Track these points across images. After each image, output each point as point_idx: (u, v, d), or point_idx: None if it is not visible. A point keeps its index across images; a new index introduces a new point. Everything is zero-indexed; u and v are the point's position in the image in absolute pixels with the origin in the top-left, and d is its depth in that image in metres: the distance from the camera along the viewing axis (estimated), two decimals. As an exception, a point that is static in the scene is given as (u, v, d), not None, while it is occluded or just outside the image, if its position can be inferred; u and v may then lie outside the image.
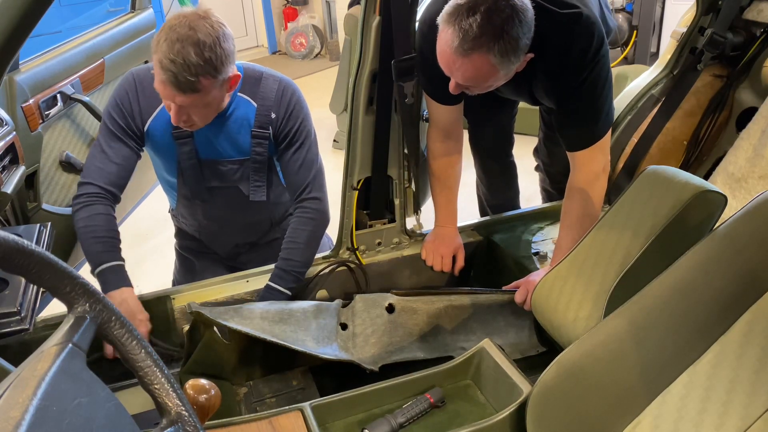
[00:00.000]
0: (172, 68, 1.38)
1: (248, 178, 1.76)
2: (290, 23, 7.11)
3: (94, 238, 1.58)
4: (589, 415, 1.06)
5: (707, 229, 1.29)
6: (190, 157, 1.69)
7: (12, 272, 0.59)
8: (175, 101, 1.45)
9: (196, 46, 1.37)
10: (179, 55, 1.37)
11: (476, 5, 1.35)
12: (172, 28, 1.38)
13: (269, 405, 1.60)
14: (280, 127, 1.67)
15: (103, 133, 1.64)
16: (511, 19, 1.36)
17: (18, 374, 0.58)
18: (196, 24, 1.39)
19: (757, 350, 0.91)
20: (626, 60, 5.29)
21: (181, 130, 1.63)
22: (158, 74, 1.42)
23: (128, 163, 1.66)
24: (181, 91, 1.42)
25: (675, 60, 2.23)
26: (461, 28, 1.36)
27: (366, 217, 1.94)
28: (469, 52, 1.38)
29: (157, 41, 1.40)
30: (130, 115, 1.62)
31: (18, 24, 1.06)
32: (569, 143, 1.68)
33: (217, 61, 1.41)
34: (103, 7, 3.21)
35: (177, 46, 1.37)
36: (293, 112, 1.67)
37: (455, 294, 1.79)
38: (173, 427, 0.68)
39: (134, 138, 1.65)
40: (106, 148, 1.63)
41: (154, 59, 1.41)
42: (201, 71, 1.40)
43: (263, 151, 1.71)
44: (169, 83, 1.40)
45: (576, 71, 1.53)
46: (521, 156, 2.48)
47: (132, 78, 1.63)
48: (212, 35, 1.40)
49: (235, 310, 1.58)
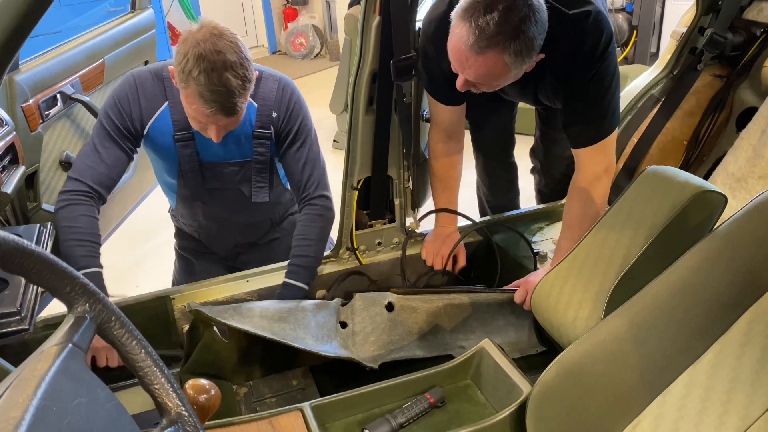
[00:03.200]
0: (218, 98, 1.39)
1: (249, 179, 1.76)
2: (290, 23, 7.12)
3: (76, 240, 1.56)
4: (589, 415, 1.06)
5: (707, 229, 1.29)
6: (192, 160, 1.69)
7: (12, 272, 0.59)
8: (219, 124, 1.47)
9: (231, 70, 1.39)
10: (220, 84, 1.38)
11: (494, 2, 1.33)
12: (200, 57, 1.37)
13: (269, 405, 1.60)
14: (281, 126, 1.68)
15: (98, 132, 1.63)
16: (528, 18, 1.34)
17: (18, 374, 0.58)
18: (219, 45, 1.39)
19: (757, 350, 0.91)
20: (626, 60, 5.29)
21: (182, 133, 1.64)
22: (200, 106, 1.42)
23: (119, 164, 1.64)
24: (229, 115, 1.44)
25: (675, 60, 2.23)
26: (477, 25, 1.33)
27: (366, 217, 1.94)
28: (484, 50, 1.36)
29: (187, 72, 1.38)
30: (129, 117, 1.62)
31: (18, 24, 1.06)
32: (574, 140, 1.67)
33: (249, 73, 1.44)
34: (103, 7, 3.21)
35: (214, 76, 1.37)
36: (294, 110, 1.68)
37: (455, 293, 1.79)
38: (173, 427, 0.68)
39: (130, 140, 1.64)
40: (99, 147, 1.62)
41: (190, 92, 1.41)
42: (242, 90, 1.42)
43: (265, 152, 1.71)
44: (218, 112, 1.42)
45: (585, 67, 1.53)
46: (521, 156, 2.48)
47: (132, 79, 1.62)
48: (236, 51, 1.41)
49: (235, 308, 1.58)
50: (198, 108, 1.43)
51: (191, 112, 1.48)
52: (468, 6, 1.36)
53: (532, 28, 1.35)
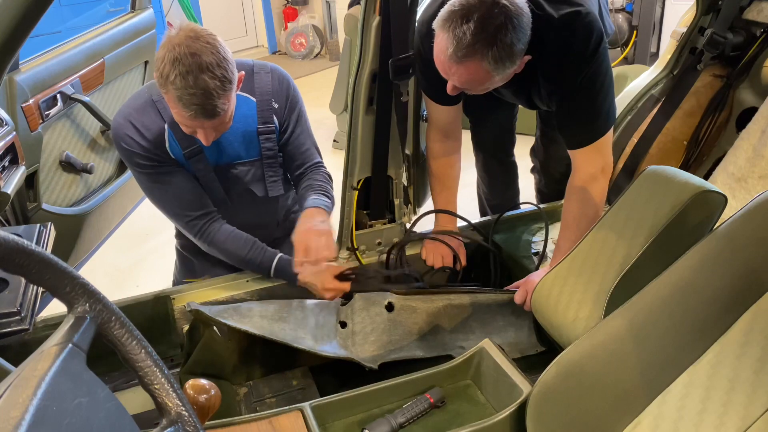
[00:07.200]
0: (196, 101, 1.38)
1: (261, 178, 1.76)
2: (290, 23, 7.12)
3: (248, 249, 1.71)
4: (589, 415, 1.06)
5: (707, 229, 1.29)
6: (207, 171, 1.68)
7: (12, 272, 0.59)
8: (205, 126, 1.46)
9: (207, 71, 1.37)
10: (197, 87, 1.36)
11: (470, 12, 1.35)
12: (176, 60, 1.36)
13: (269, 405, 1.60)
14: (284, 115, 1.69)
15: (147, 182, 1.65)
16: (504, 26, 1.36)
17: (18, 374, 0.58)
18: (194, 47, 1.37)
19: (757, 350, 0.91)
20: (626, 60, 5.29)
21: (191, 148, 1.62)
22: (180, 110, 1.41)
23: (190, 182, 1.67)
24: (210, 117, 1.42)
25: (675, 60, 2.23)
26: (455, 36, 1.36)
27: (366, 217, 1.94)
28: (463, 59, 1.38)
29: (165, 77, 1.38)
30: (151, 152, 1.60)
31: (18, 24, 1.06)
32: (569, 141, 1.68)
33: (229, 74, 1.42)
34: (103, 7, 3.22)
35: (190, 78, 1.35)
36: (292, 98, 1.69)
37: (455, 293, 1.79)
38: (173, 427, 0.69)
39: (169, 163, 1.64)
40: (162, 187, 1.65)
41: (170, 97, 1.40)
42: (222, 91, 1.40)
43: (273, 146, 1.72)
44: (199, 115, 1.40)
45: (576, 68, 1.53)
46: (521, 156, 2.48)
47: (126, 122, 1.58)
48: (213, 52, 1.39)
49: (234, 308, 1.58)
50: (179, 112, 1.42)
51: (176, 117, 1.47)
52: (447, 16, 1.39)
53: (509, 35, 1.37)
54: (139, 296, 1.70)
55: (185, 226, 1.70)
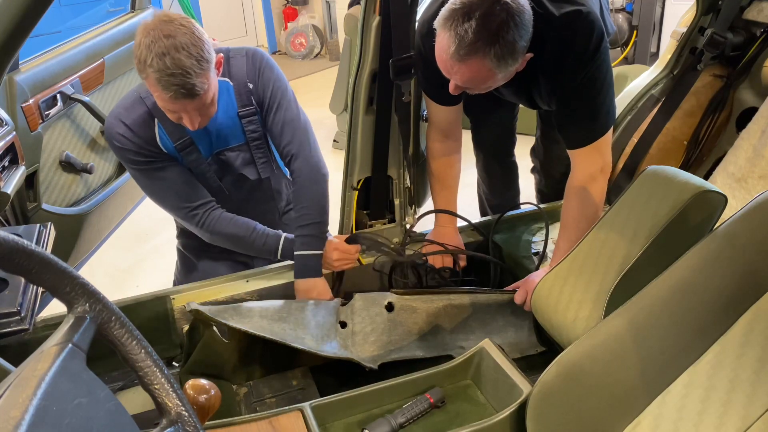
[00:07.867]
0: (175, 81, 1.39)
1: (251, 161, 1.77)
2: (290, 23, 7.12)
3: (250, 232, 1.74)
4: (589, 415, 1.06)
5: (707, 229, 1.29)
6: (199, 162, 1.70)
7: (12, 272, 0.59)
8: (188, 109, 1.47)
9: (183, 50, 1.38)
10: (174, 66, 1.37)
11: (471, 10, 1.35)
12: (151, 44, 1.38)
13: (269, 405, 1.60)
14: (260, 94, 1.69)
15: (143, 178, 1.67)
16: (506, 23, 1.36)
17: (18, 374, 0.58)
18: (167, 30, 1.39)
19: (757, 350, 0.91)
20: (626, 60, 5.29)
21: (181, 141, 1.64)
22: (162, 93, 1.42)
23: (185, 174, 1.69)
24: (191, 97, 1.43)
25: (675, 60, 2.23)
26: (457, 34, 1.36)
27: (366, 217, 1.94)
28: (465, 57, 1.38)
29: (142, 61, 1.39)
30: (144, 148, 1.62)
31: (18, 24, 1.06)
32: (568, 141, 1.68)
33: (205, 52, 1.43)
34: (103, 7, 3.22)
35: (167, 59, 1.37)
36: (265, 73, 1.68)
37: (454, 293, 1.79)
38: (173, 427, 0.69)
39: (162, 157, 1.66)
40: (158, 183, 1.67)
41: (150, 81, 1.41)
42: (199, 69, 1.41)
43: (256, 128, 1.73)
44: (179, 96, 1.41)
45: (576, 68, 1.53)
46: (522, 156, 2.48)
47: (117, 121, 1.60)
48: (186, 33, 1.41)
49: (234, 308, 1.58)
50: (160, 95, 1.43)
51: (159, 103, 1.48)
52: (448, 15, 1.38)
53: (511, 32, 1.37)
54: (139, 296, 1.70)
55: (185, 218, 1.72)
